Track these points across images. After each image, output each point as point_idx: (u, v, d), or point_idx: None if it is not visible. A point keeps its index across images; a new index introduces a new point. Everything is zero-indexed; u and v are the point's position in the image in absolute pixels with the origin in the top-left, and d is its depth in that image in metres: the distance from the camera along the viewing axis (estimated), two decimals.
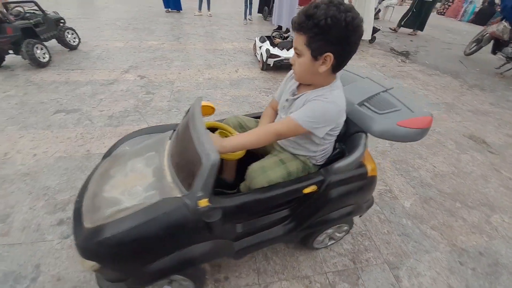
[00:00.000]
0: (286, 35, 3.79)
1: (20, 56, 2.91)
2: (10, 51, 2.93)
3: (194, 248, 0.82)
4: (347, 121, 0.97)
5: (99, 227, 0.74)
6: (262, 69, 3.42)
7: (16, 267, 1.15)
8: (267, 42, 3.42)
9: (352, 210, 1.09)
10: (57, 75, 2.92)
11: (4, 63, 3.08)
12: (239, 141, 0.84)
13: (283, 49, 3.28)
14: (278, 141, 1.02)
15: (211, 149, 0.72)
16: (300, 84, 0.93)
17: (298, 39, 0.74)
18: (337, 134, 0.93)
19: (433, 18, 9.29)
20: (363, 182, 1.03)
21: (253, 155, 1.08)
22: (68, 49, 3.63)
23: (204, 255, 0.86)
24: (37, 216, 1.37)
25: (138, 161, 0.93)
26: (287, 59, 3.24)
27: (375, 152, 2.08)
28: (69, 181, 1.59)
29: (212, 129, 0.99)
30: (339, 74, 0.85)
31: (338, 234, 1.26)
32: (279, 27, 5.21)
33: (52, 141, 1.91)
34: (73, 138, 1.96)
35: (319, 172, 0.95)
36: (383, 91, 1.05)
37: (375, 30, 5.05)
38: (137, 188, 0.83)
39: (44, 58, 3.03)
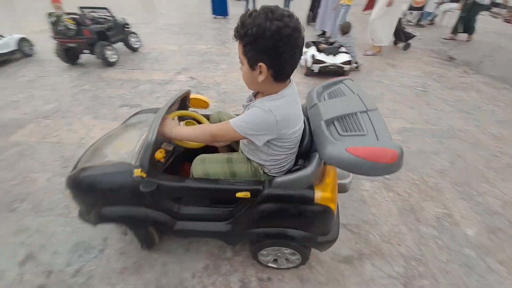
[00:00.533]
0: (332, 40, 3.71)
1: (93, 55, 3.39)
2: (86, 51, 3.42)
3: (138, 209, 1.00)
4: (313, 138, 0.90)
5: (82, 169, 1.00)
6: (306, 74, 3.40)
7: (86, 238, 1.32)
8: (313, 47, 3.40)
9: (297, 237, 0.99)
10: (122, 74, 3.31)
11: (80, 61, 3.63)
12: (184, 133, 0.94)
13: (329, 54, 3.21)
14: (241, 142, 1.01)
15: (153, 130, 0.90)
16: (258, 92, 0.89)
17: (238, 48, 0.73)
18: (292, 147, 0.89)
19: (500, 25, 8.19)
20: (308, 207, 0.90)
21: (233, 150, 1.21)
22: (131, 51, 4.09)
23: (145, 219, 1.02)
24: None
25: (134, 132, 1.15)
26: (333, 65, 3.17)
27: (431, 170, 1.90)
28: None
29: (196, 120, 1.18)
30: (292, 83, 0.80)
31: (291, 258, 1.15)
32: (323, 32, 5.13)
33: None
34: None
35: (260, 182, 0.93)
36: (362, 112, 0.88)
37: (409, 36, 4.65)
38: (121, 150, 1.05)
39: (112, 58, 3.46)
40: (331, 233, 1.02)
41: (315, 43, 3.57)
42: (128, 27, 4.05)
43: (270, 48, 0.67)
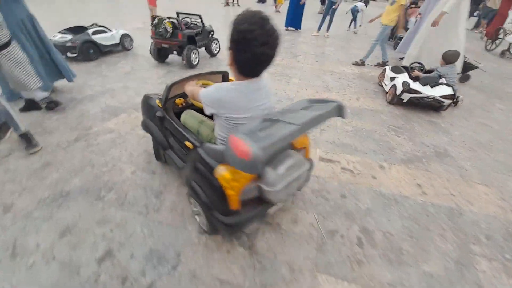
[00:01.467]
0: (428, 68, 3.22)
1: (179, 56, 3.66)
2: (174, 52, 3.73)
3: (155, 127, 1.57)
4: None
5: (147, 95, 1.72)
6: (391, 102, 3.00)
7: (161, 246, 1.28)
8: (404, 74, 2.99)
9: (202, 198, 1.12)
10: None
11: (167, 60, 3.98)
12: (187, 89, 1.24)
13: (425, 85, 2.77)
14: None
15: (172, 81, 1.43)
16: None
17: None
18: (231, 129, 1.01)
19: None
20: (209, 176, 1.05)
21: None
22: (209, 56, 4.33)
23: (155, 135, 1.56)
24: (182, 201, 1.54)
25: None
26: (430, 97, 2.71)
27: None
28: None
29: None
30: (260, 83, 0.98)
31: (201, 219, 1.32)
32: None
33: None
34: None
35: (201, 142, 1.19)
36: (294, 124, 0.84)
37: (470, 67, 3.73)
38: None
39: (195, 61, 3.69)
40: (232, 218, 1.05)
41: (407, 69, 3.15)
42: (212, 34, 4.30)
43: (235, 42, 0.86)
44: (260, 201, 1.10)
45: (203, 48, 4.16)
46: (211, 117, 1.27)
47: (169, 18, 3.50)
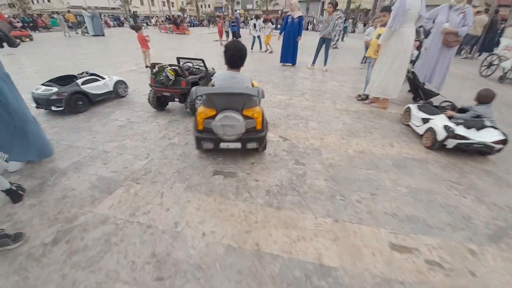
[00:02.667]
0: (460, 106, 2.95)
1: (181, 103, 3.26)
2: (176, 99, 3.33)
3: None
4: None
5: None
6: (430, 147, 2.64)
7: None
8: (441, 115, 2.69)
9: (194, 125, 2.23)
10: None
11: (166, 106, 3.58)
12: None
13: (470, 128, 2.45)
14: None
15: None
16: None
17: None
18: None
19: None
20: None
21: None
22: None
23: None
24: None
25: None
26: (481, 144, 2.37)
27: None
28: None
29: None
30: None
31: None
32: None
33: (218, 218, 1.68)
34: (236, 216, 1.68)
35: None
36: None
37: (431, 95, 3.71)
38: None
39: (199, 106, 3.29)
40: (197, 133, 2.16)
41: (438, 108, 2.87)
42: None
43: (224, 51, 2.06)
44: (215, 135, 2.08)
45: None
46: None
47: (170, 65, 3.17)
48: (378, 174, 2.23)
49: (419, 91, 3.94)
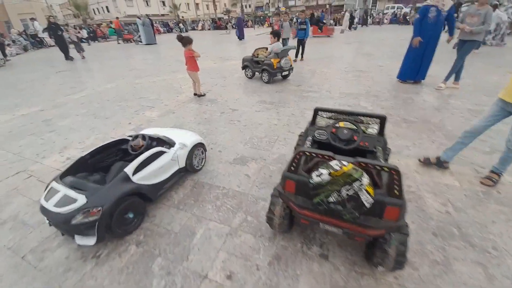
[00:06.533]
0: None
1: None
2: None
3: None
4: None
5: None
6: None
7: None
8: None
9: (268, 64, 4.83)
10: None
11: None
12: None
13: None
14: None
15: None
16: None
17: None
18: None
19: None
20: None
21: None
22: None
23: None
24: None
25: None
26: None
27: None
28: None
29: None
30: None
31: None
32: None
33: None
34: None
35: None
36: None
37: None
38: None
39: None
40: (272, 68, 4.78)
41: None
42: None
43: (274, 33, 5.12)
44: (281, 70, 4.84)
45: None
46: None
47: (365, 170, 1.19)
48: None
49: None
